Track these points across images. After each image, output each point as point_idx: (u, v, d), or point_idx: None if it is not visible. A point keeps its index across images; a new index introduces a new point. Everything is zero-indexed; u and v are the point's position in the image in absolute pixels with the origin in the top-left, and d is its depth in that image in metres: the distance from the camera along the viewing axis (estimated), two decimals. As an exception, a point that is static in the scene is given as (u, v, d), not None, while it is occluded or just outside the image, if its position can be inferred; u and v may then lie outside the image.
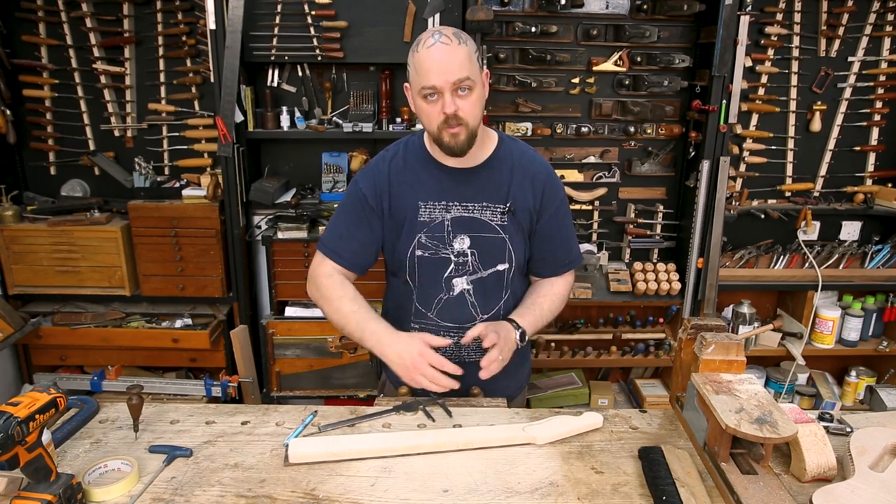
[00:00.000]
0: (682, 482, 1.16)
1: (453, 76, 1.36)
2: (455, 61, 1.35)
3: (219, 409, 1.47)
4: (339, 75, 2.83)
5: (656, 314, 2.93)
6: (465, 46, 1.38)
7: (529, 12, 2.64)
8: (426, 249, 1.53)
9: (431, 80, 1.36)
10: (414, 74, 1.41)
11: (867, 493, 1.10)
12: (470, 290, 1.56)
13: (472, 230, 1.53)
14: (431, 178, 1.53)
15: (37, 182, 2.91)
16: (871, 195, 2.86)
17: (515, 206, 1.53)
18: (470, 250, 1.54)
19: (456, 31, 1.39)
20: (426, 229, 1.52)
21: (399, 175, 1.54)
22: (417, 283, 1.57)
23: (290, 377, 2.82)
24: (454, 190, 1.52)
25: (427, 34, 1.39)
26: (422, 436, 1.33)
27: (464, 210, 1.52)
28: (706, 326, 1.38)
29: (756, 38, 2.72)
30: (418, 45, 1.39)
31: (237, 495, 1.16)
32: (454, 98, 1.38)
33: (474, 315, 1.58)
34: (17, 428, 0.97)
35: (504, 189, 1.53)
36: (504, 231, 1.53)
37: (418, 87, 1.40)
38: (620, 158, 2.86)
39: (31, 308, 2.85)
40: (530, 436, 1.33)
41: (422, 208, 1.52)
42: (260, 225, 2.83)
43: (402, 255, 1.55)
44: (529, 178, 1.54)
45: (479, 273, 1.55)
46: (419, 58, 1.38)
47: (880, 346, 2.90)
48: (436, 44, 1.36)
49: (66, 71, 2.78)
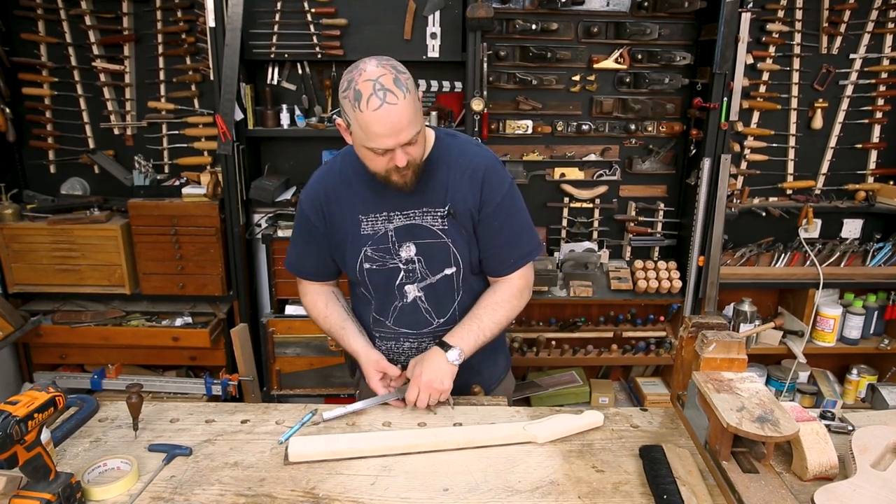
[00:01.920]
0: (682, 481, 1.16)
1: (404, 138, 1.31)
2: (404, 120, 1.28)
3: (219, 408, 1.47)
4: (339, 73, 2.82)
5: (657, 312, 2.92)
6: (409, 94, 1.29)
7: (530, 10, 2.63)
8: (373, 262, 1.53)
9: (382, 144, 1.30)
10: (358, 130, 1.32)
11: (869, 491, 1.09)
12: (422, 297, 1.55)
13: (415, 237, 1.50)
14: (369, 190, 1.49)
15: (36, 180, 2.91)
16: (872, 193, 2.85)
17: (455, 209, 1.48)
18: (416, 257, 1.52)
19: (396, 79, 1.28)
20: (371, 242, 1.51)
21: (336, 191, 1.52)
22: (372, 292, 1.58)
23: (291, 375, 2.82)
24: (393, 199, 1.48)
25: (366, 87, 1.26)
26: (422, 434, 1.32)
27: (406, 218, 1.49)
28: (707, 325, 1.38)
29: (757, 36, 2.71)
30: (360, 103, 1.27)
31: (237, 494, 1.15)
32: (405, 150, 1.34)
33: (430, 320, 1.58)
34: (16, 427, 0.97)
35: (442, 192, 1.48)
36: (446, 235, 1.50)
37: (364, 143, 1.33)
38: (621, 156, 2.85)
39: (31, 307, 2.85)
40: (531, 434, 1.33)
41: (363, 222, 1.51)
42: (260, 223, 2.83)
43: (352, 268, 1.55)
44: (467, 176, 1.48)
45: (428, 279, 1.54)
46: (365, 119, 1.28)
47: (882, 344, 2.90)
48: (382, 105, 1.26)
49: (66, 69, 2.78)
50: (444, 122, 2.78)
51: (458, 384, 1.49)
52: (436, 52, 2.66)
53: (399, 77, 1.29)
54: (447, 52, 2.66)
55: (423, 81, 2.86)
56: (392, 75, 1.28)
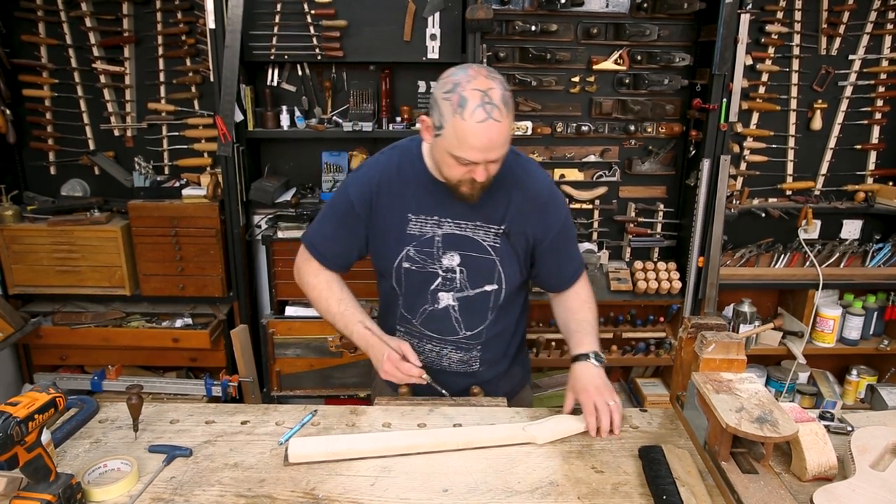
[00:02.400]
0: (682, 481, 1.16)
1: (494, 156, 1.31)
2: (501, 139, 1.28)
3: (219, 409, 1.47)
4: (339, 74, 2.82)
5: (657, 313, 2.93)
6: (510, 114, 1.29)
7: (529, 11, 2.63)
8: (413, 262, 1.50)
9: (472, 157, 1.29)
10: (451, 136, 1.28)
11: (868, 492, 1.09)
12: (455, 307, 1.54)
13: (462, 248, 1.48)
14: (425, 191, 1.47)
15: (37, 182, 2.91)
16: (871, 194, 2.85)
17: (511, 230, 1.48)
18: (459, 268, 1.50)
19: (503, 96, 1.26)
20: (415, 243, 1.49)
21: (390, 185, 1.49)
22: (403, 290, 1.56)
23: (291, 377, 2.82)
24: (448, 206, 1.46)
25: (474, 97, 1.24)
26: (421, 435, 1.33)
27: (456, 227, 1.47)
28: (707, 325, 1.38)
29: (756, 37, 2.71)
30: (464, 110, 1.24)
31: (237, 495, 1.16)
32: (487, 167, 1.33)
33: (457, 329, 1.56)
34: (16, 428, 0.97)
35: (501, 210, 1.47)
36: (496, 252, 1.49)
37: (452, 150, 1.30)
38: (621, 157, 2.85)
39: (31, 308, 2.85)
40: (530, 435, 1.33)
41: (412, 221, 1.48)
42: (260, 224, 2.83)
43: (389, 264, 1.52)
44: (530, 201, 1.48)
45: (465, 291, 1.52)
46: (464, 128, 1.25)
47: (881, 344, 2.90)
48: (487, 120, 1.24)
49: (66, 70, 2.78)
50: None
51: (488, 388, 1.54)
52: (435, 54, 2.66)
53: (506, 94, 1.28)
54: (447, 54, 2.66)
55: (423, 83, 2.86)
56: (500, 91, 1.27)
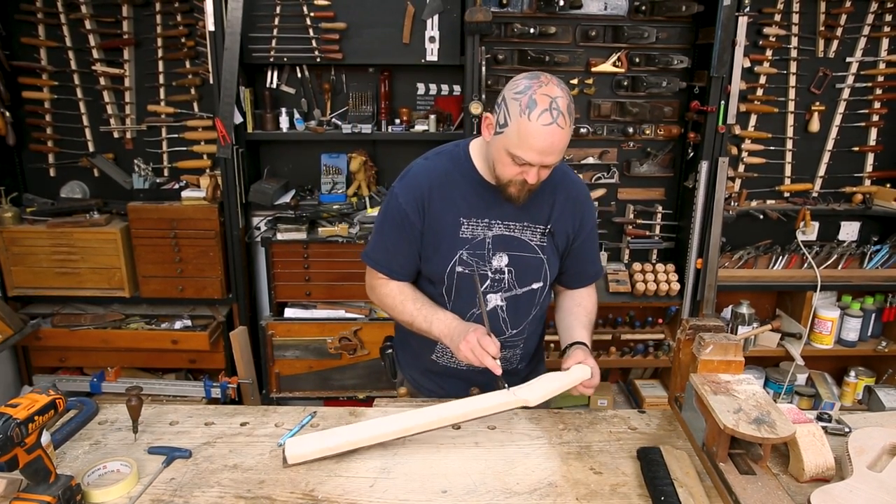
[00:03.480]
0: (680, 482, 1.17)
1: (550, 161, 1.35)
2: (560, 146, 1.33)
3: (218, 411, 1.47)
4: (338, 77, 2.83)
5: (655, 315, 2.93)
6: (572, 126, 1.34)
7: (528, 13, 2.64)
8: (466, 266, 1.52)
9: (529, 157, 1.33)
10: (513, 135, 1.32)
11: (865, 492, 1.10)
12: (503, 307, 1.56)
13: (510, 248, 1.52)
14: (475, 194, 1.49)
15: (36, 184, 2.91)
16: (869, 196, 2.86)
17: (555, 229, 1.53)
18: (507, 268, 1.53)
19: (569, 107, 1.32)
20: (468, 246, 1.50)
21: (441, 190, 1.49)
22: (454, 296, 1.56)
23: (290, 378, 2.82)
24: (496, 207, 1.49)
25: (543, 101, 1.29)
26: (416, 416, 1.32)
27: (505, 228, 1.51)
28: (705, 327, 1.38)
29: (754, 39, 2.72)
30: (531, 111, 1.29)
31: (236, 496, 1.16)
32: (540, 171, 1.37)
33: (504, 329, 1.58)
34: (17, 429, 0.97)
35: (546, 210, 1.52)
36: (542, 252, 1.54)
37: (511, 148, 1.34)
38: (619, 159, 2.86)
39: (30, 310, 2.85)
40: (521, 399, 1.34)
41: (464, 225, 1.49)
42: (259, 226, 2.83)
43: (441, 270, 1.52)
44: (571, 201, 1.55)
45: (514, 290, 1.55)
46: (528, 129, 1.30)
47: (879, 346, 2.90)
48: (552, 124, 1.29)
49: (66, 73, 2.78)
50: (442, 125, 2.79)
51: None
52: (434, 56, 2.67)
53: (571, 107, 1.33)
54: (446, 56, 2.67)
55: (422, 85, 2.87)
56: (567, 101, 1.32)
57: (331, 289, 2.78)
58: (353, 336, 2.73)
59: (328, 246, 2.71)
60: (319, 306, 2.83)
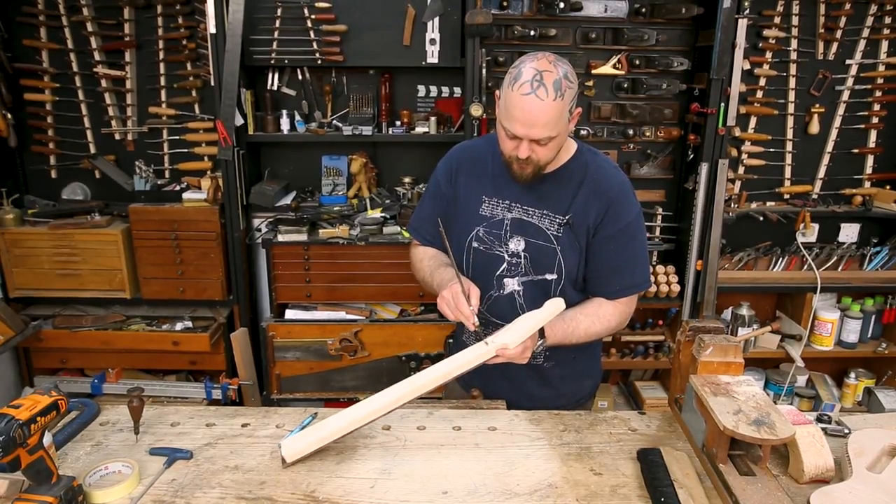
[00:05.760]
0: (680, 484, 1.17)
1: (535, 134, 1.35)
2: (542, 118, 1.32)
3: (219, 412, 1.47)
4: (339, 79, 2.84)
5: (655, 316, 2.93)
6: (560, 102, 1.33)
7: (528, 16, 2.65)
8: (482, 243, 1.56)
9: (514, 129, 1.36)
10: (503, 106, 1.38)
11: (865, 494, 1.10)
12: (520, 292, 1.57)
13: (527, 234, 1.53)
14: (501, 175, 1.54)
15: (38, 185, 2.92)
16: (869, 197, 2.86)
17: (574, 221, 1.51)
18: (524, 253, 1.54)
19: (557, 82, 1.31)
20: (485, 223, 1.56)
21: (470, 165, 1.60)
22: (470, 273, 1.59)
23: (290, 379, 2.83)
24: (519, 192, 1.53)
25: (528, 73, 1.32)
26: (398, 388, 1.31)
27: (524, 213, 1.54)
28: (705, 328, 1.38)
29: (754, 42, 2.72)
30: (515, 83, 1.33)
31: (237, 497, 1.16)
32: (531, 146, 1.38)
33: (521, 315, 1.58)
34: (19, 430, 0.97)
35: (567, 201, 1.51)
36: (558, 242, 1.52)
37: (501, 119, 1.39)
38: (619, 161, 2.86)
39: (31, 311, 2.85)
40: (499, 345, 1.33)
41: (485, 202, 1.56)
42: (260, 228, 2.84)
43: (460, 243, 1.58)
44: (598, 194, 1.50)
45: (530, 276, 1.56)
46: (511, 99, 1.34)
47: (879, 347, 2.90)
48: (530, 95, 1.31)
49: (67, 75, 2.79)
50: (443, 127, 2.80)
51: (533, 401, 1.55)
52: (435, 58, 2.67)
53: (561, 81, 1.33)
54: (446, 58, 2.67)
55: (423, 87, 2.88)
56: (555, 75, 1.33)
57: (331, 290, 2.78)
58: (353, 337, 2.73)
59: (329, 247, 2.71)
60: (320, 308, 2.83)
